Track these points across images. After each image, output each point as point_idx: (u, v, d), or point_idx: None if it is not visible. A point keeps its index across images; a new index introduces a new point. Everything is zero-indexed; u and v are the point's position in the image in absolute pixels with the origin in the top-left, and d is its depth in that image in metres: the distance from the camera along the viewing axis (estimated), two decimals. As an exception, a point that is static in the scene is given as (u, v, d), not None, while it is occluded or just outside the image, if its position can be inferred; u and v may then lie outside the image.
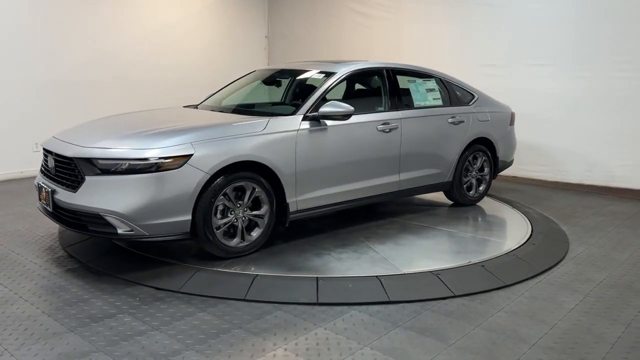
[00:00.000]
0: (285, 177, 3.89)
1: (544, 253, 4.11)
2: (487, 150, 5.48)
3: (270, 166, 3.80)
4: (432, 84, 5.16)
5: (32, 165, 6.99)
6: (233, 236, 3.78)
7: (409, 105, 4.86)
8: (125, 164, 3.38)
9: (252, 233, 3.88)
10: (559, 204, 5.79)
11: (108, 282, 3.44)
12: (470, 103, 5.39)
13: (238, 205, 3.75)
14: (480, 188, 5.54)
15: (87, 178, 3.44)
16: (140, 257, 3.81)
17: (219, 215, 3.66)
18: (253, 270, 3.61)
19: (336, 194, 4.28)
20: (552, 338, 2.81)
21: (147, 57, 8.13)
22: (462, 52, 7.26)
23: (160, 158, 3.39)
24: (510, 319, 3.02)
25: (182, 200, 3.44)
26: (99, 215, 3.37)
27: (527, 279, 3.61)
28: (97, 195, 3.40)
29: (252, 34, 9.77)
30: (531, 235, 4.52)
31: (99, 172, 3.43)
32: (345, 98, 5.01)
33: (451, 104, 5.22)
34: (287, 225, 4.04)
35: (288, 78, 5.29)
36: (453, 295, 3.31)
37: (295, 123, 3.99)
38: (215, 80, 8.88)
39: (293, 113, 4.07)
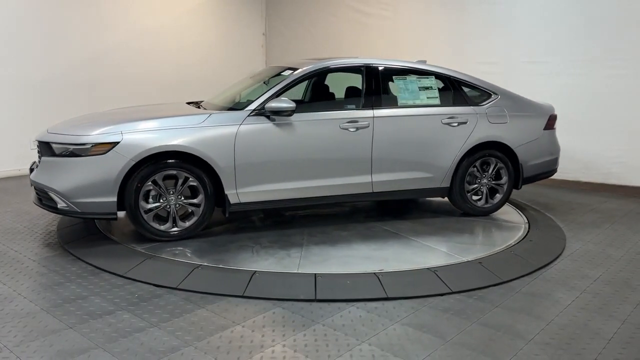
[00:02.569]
0: (222, 169, 4.05)
1: (541, 250, 4.14)
2: (505, 156, 4.90)
3: (203, 157, 3.99)
4: (429, 81, 4.80)
5: (29, 163, 6.98)
6: (167, 221, 4.07)
7: (391, 103, 4.61)
8: (71, 148, 3.86)
9: (186, 220, 4.12)
10: (555, 201, 5.82)
11: (106, 280, 3.45)
12: (483, 103, 4.89)
13: (171, 192, 4.01)
14: (495, 198, 4.97)
15: (42, 159, 4.01)
16: (138, 255, 3.81)
17: (151, 200, 3.99)
18: (147, 250, 3.90)
19: (288, 190, 4.28)
20: (549, 334, 2.83)
21: (144, 55, 8.12)
22: (460, 49, 7.27)
23: (89, 144, 3.82)
24: (507, 315, 3.04)
25: (107, 183, 3.82)
26: (44, 190, 3.92)
27: (524, 276, 3.63)
28: (45, 174, 3.95)
29: (250, 31, 9.76)
30: (528, 232, 4.54)
31: (52, 154, 3.94)
32: (314, 96, 5.10)
33: (454, 104, 4.81)
34: (227, 216, 4.25)
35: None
36: (450, 291, 3.33)
37: (239, 118, 4.13)
38: (213, 77, 8.91)
39: (243, 108, 4.21)
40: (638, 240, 4.50)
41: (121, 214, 4.01)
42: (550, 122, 5.21)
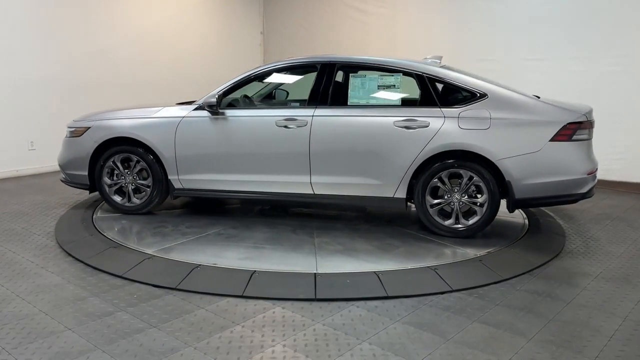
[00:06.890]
0: (164, 156, 4.59)
1: (540, 247, 4.13)
2: (486, 169, 4.03)
3: (146, 143, 4.59)
4: (393, 79, 4.27)
5: (27, 164, 6.97)
6: (125, 196, 4.83)
7: (339, 102, 4.32)
8: (71, 130, 4.90)
9: (138, 198, 4.80)
10: (555, 198, 5.80)
11: (105, 280, 3.44)
12: (460, 105, 4.09)
13: (127, 172, 4.76)
14: (470, 220, 4.15)
15: (64, 139, 5.00)
16: (137, 255, 3.80)
17: (115, 178, 4.80)
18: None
19: (225, 181, 4.54)
20: (550, 331, 2.82)
21: (142, 54, 8.10)
22: (459, 46, 7.26)
23: (73, 128, 4.88)
24: (507, 313, 3.03)
25: (81, 159, 4.78)
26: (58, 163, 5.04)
27: (524, 273, 3.63)
28: (60, 151, 5.01)
29: (248, 30, 9.74)
30: (528, 229, 4.53)
31: (66, 136, 4.97)
32: (264, 93, 5.36)
33: (418, 105, 4.26)
34: (173, 199, 4.85)
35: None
36: (451, 289, 3.32)
37: (184, 112, 4.58)
38: (211, 76, 8.88)
39: (192, 103, 4.65)
40: (638, 236, 4.50)
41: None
42: (566, 132, 3.96)
